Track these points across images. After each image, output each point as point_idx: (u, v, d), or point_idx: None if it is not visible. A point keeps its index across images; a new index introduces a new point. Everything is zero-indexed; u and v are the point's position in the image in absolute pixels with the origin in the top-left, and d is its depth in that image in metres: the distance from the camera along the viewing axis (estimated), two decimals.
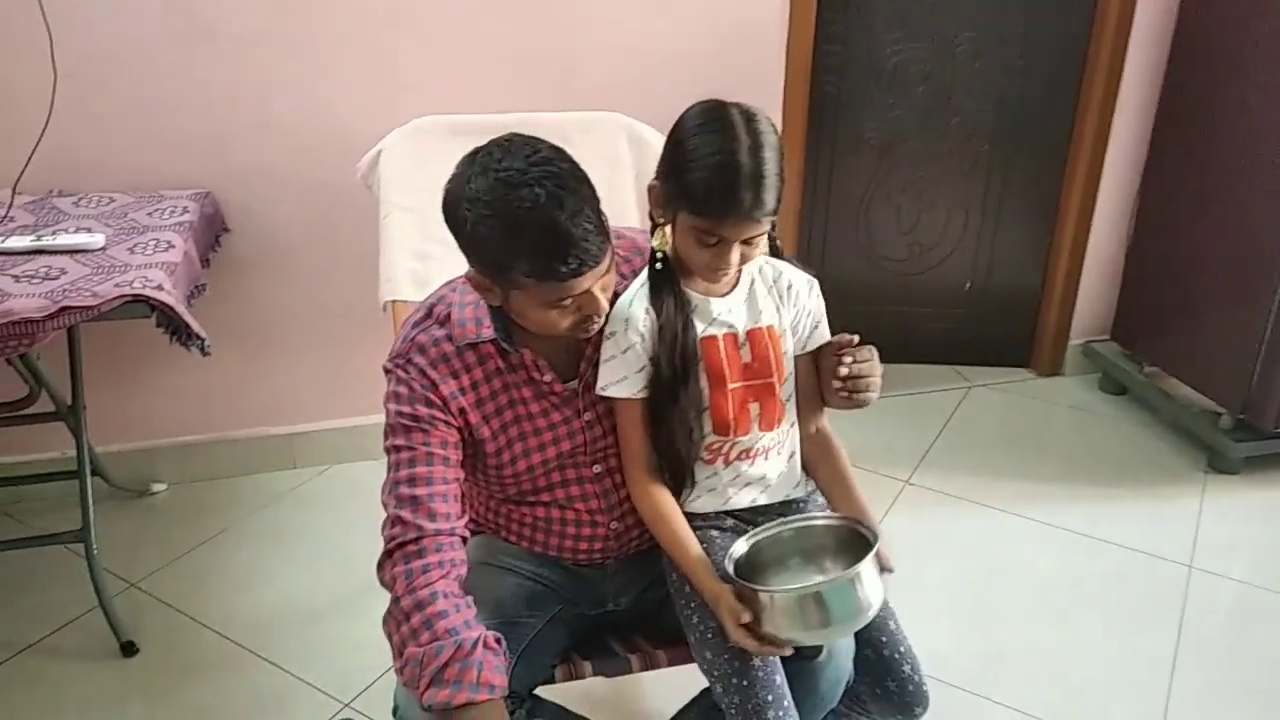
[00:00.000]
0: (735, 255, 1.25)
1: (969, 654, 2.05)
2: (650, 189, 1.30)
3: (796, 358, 1.40)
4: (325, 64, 2.31)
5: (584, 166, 1.21)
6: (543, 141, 1.20)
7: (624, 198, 2.07)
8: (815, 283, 1.42)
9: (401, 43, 2.34)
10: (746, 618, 1.22)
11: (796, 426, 1.43)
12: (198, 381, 2.51)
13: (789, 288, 1.39)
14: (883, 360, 1.36)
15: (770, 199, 1.21)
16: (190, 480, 2.59)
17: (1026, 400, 3.10)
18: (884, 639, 1.38)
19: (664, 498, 1.35)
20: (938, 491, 2.61)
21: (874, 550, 1.21)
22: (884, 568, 1.27)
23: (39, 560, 2.24)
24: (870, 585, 1.21)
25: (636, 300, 1.32)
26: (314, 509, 2.50)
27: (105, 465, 2.45)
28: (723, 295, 1.34)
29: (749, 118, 1.22)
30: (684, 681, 1.49)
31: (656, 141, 2.12)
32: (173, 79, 2.24)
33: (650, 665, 1.46)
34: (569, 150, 1.21)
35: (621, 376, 1.32)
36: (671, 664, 1.45)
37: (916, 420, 2.93)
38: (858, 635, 1.37)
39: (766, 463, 1.40)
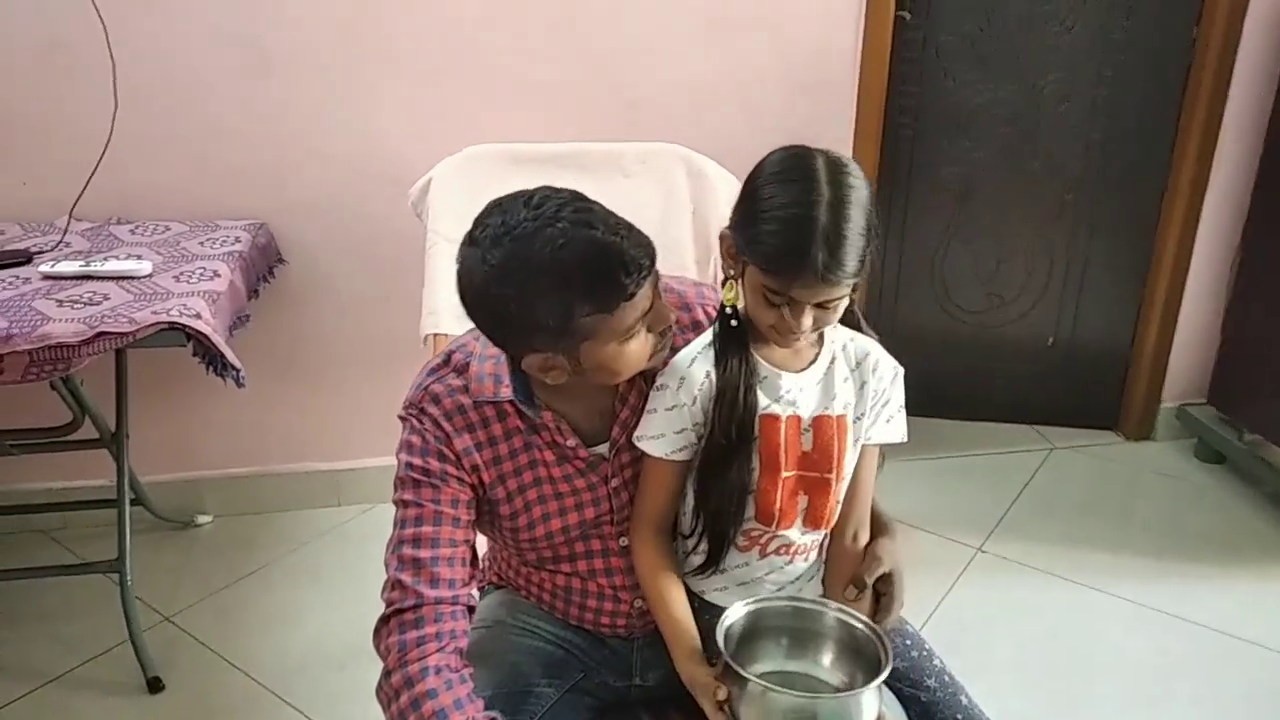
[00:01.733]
0: (807, 319, 1.10)
1: None
2: (722, 238, 1.18)
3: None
4: (382, 96, 2.29)
5: (639, 199, 1.11)
6: (524, 190, 1.10)
7: (680, 233, 1.97)
8: (901, 372, 1.26)
9: (457, 73, 2.31)
10: (723, 695, 1.08)
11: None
12: (246, 414, 2.48)
13: (873, 370, 1.23)
14: (957, 417, 1.22)
15: (849, 261, 1.06)
16: (236, 513, 2.56)
17: (1113, 466, 2.89)
18: (959, 716, 1.24)
19: (665, 558, 1.24)
20: (1013, 561, 2.42)
21: (885, 673, 1.06)
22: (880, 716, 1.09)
23: (81, 588, 2.21)
24: (869, 708, 1.06)
25: (699, 360, 1.20)
26: (354, 548, 2.43)
27: (153, 495, 2.43)
28: (797, 371, 1.20)
29: (836, 167, 1.09)
30: None
31: (717, 175, 2.03)
32: (231, 110, 2.24)
33: None
34: (625, 182, 1.12)
35: (659, 433, 1.20)
36: None
37: (992, 483, 2.75)
38: (929, 716, 1.24)
39: (806, 565, 1.26)
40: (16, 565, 2.22)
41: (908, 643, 1.31)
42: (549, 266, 1.04)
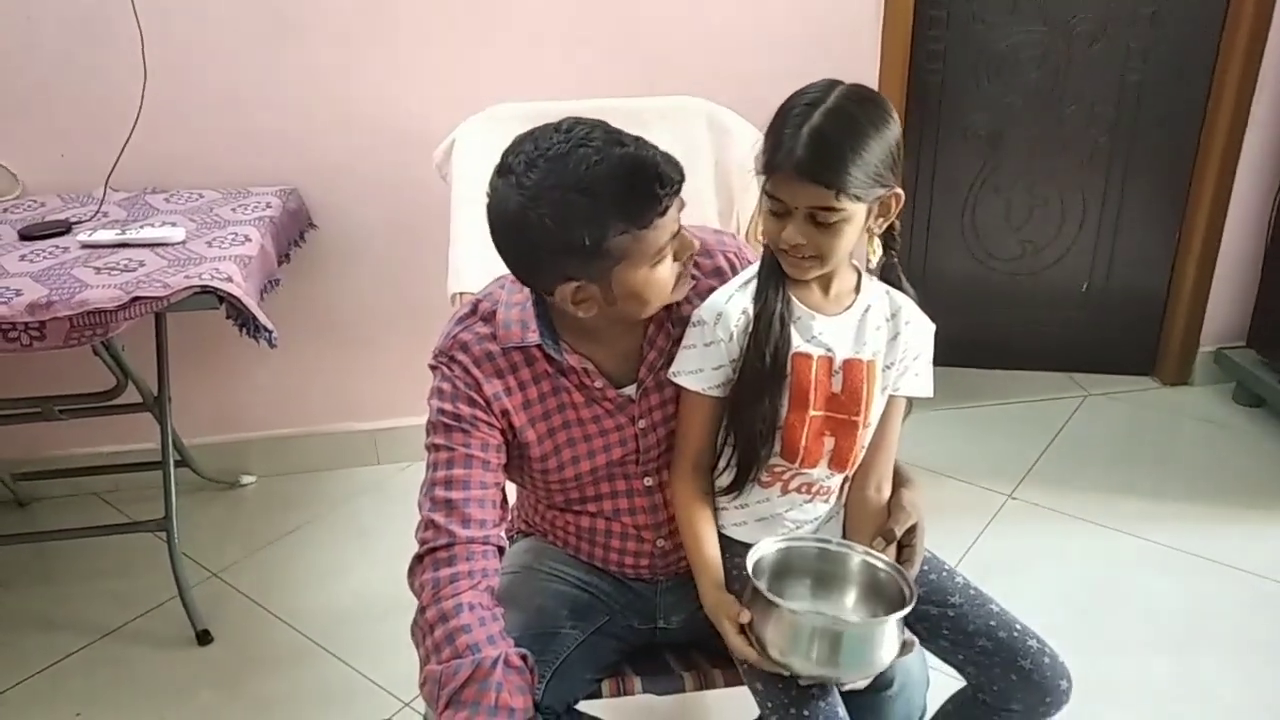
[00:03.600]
0: (799, 233, 1.13)
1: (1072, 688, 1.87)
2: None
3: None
4: (407, 57, 2.30)
5: None
6: (550, 122, 1.14)
7: (701, 185, 1.97)
8: (933, 329, 1.30)
9: (483, 33, 2.31)
10: (745, 617, 1.13)
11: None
12: (287, 376, 2.54)
13: (906, 323, 1.26)
14: (991, 366, 1.25)
15: (837, 168, 1.09)
16: (278, 473, 2.63)
17: (1149, 412, 2.85)
18: (992, 623, 1.26)
19: (701, 495, 1.27)
20: (1044, 507, 2.42)
21: (909, 608, 1.10)
22: (905, 643, 1.14)
23: (133, 547, 2.30)
24: (890, 642, 1.10)
25: (736, 297, 1.23)
26: (393, 505, 2.48)
27: (199, 457, 2.50)
28: (831, 316, 1.23)
29: (856, 91, 1.14)
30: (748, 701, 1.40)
31: (739, 128, 2.02)
32: (260, 76, 2.26)
33: (705, 685, 1.36)
34: (646, 137, 1.15)
35: (697, 368, 1.23)
36: (728, 685, 1.35)
37: (1024, 430, 2.74)
38: (961, 629, 1.27)
39: (826, 506, 1.29)
40: (71, 526, 2.32)
41: (925, 568, 1.32)
42: (585, 183, 1.08)
